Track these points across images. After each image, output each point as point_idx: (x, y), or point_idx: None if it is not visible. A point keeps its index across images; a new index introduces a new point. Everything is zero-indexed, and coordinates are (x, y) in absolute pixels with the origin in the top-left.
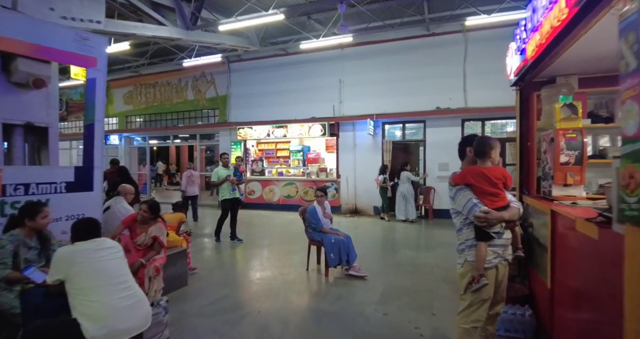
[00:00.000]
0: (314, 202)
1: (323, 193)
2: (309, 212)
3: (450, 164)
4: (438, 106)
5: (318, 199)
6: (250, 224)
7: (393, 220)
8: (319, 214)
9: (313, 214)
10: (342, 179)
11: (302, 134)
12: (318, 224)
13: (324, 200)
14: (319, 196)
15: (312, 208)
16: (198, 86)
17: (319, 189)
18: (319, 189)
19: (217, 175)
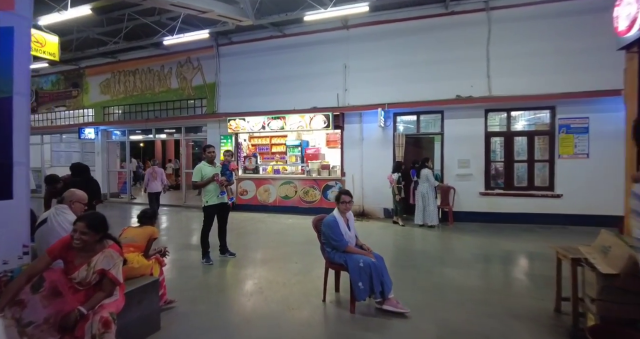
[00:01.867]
0: (334, 211)
1: (350, 198)
2: (328, 224)
3: (472, 160)
4: (458, 94)
5: (341, 206)
6: (243, 232)
7: (409, 225)
8: (341, 228)
9: (333, 228)
10: (348, 177)
11: (303, 126)
12: (340, 241)
13: (350, 208)
14: (345, 202)
15: (331, 219)
16: (183, 72)
17: (344, 192)
18: (344, 193)
19: (201, 173)
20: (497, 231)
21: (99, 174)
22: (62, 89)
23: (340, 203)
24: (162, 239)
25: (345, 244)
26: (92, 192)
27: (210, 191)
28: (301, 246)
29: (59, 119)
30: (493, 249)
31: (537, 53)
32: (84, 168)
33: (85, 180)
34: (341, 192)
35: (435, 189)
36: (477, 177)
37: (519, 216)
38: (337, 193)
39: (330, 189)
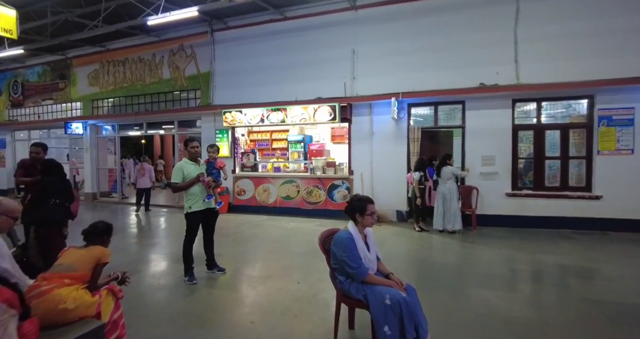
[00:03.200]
0: (349, 224)
1: (371, 204)
2: (341, 244)
3: (497, 157)
4: (482, 82)
5: (366, 219)
6: (238, 238)
7: (428, 231)
8: (359, 249)
9: (349, 249)
10: (356, 176)
11: (306, 118)
12: (358, 268)
13: (372, 223)
14: (371, 214)
15: (345, 237)
16: (175, 61)
17: (368, 200)
18: (369, 201)
19: (182, 173)
20: (529, 238)
21: (87, 172)
22: (49, 81)
23: (365, 216)
24: (145, 246)
25: (365, 272)
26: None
27: (194, 194)
28: (304, 257)
29: (46, 113)
30: (531, 262)
31: (572, 34)
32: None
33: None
34: (364, 199)
35: (458, 189)
36: (503, 176)
37: (551, 220)
38: (356, 200)
39: (336, 189)
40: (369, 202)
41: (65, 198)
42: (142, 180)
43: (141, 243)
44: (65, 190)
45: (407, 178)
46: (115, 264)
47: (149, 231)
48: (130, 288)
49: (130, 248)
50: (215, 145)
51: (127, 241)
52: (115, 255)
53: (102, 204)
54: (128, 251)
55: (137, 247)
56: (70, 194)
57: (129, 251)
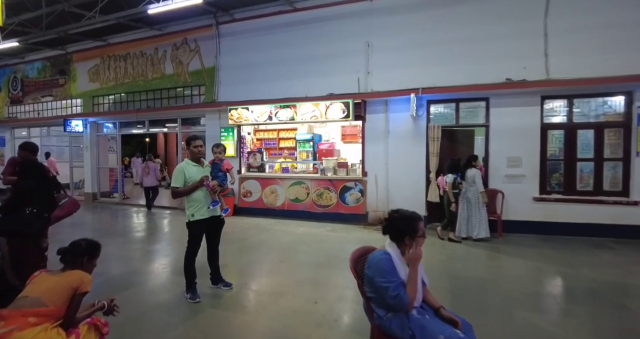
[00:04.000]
0: (386, 243)
1: (421, 221)
2: (376, 265)
3: (524, 158)
4: (508, 77)
5: (414, 242)
6: (245, 245)
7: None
8: (399, 273)
9: (387, 272)
10: (370, 177)
11: (317, 116)
12: (400, 298)
13: (420, 242)
14: (420, 235)
15: (383, 258)
16: (179, 56)
17: (409, 216)
18: (411, 217)
19: (184, 176)
20: (562, 247)
21: (87, 172)
22: (49, 77)
23: (418, 238)
24: (145, 253)
25: (405, 301)
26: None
27: (198, 200)
28: (319, 270)
29: (46, 110)
30: (575, 277)
31: (608, 25)
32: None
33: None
34: (412, 217)
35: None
36: (530, 178)
37: (583, 227)
38: (401, 219)
39: (348, 191)
40: (418, 219)
41: (44, 206)
42: (147, 178)
43: (141, 250)
44: (45, 196)
45: (439, 182)
46: (108, 278)
47: (150, 236)
48: (124, 307)
49: (128, 256)
50: (221, 144)
51: (125, 247)
52: (111, 264)
53: (102, 205)
54: (125, 259)
55: (136, 255)
56: (50, 201)
57: (126, 259)
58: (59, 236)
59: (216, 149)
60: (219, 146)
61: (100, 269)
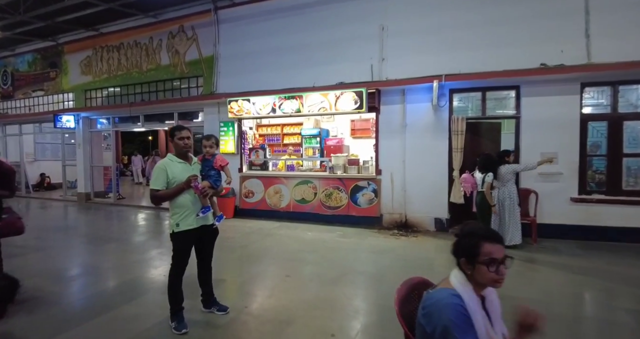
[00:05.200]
0: (452, 277)
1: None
2: (441, 315)
3: (561, 153)
4: (543, 62)
5: (475, 270)
6: (245, 254)
7: None
8: (476, 327)
9: (459, 328)
10: (384, 176)
11: (326, 107)
12: None
13: (494, 280)
14: (483, 261)
15: (452, 302)
16: (175, 45)
17: (473, 232)
18: (475, 233)
19: (167, 175)
20: (611, 256)
21: (80, 170)
22: (40, 70)
23: (479, 265)
24: (131, 264)
25: None
26: None
27: (184, 206)
28: (333, 288)
29: (38, 105)
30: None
31: None
32: None
33: None
34: (477, 233)
35: (519, 193)
36: (567, 177)
37: (631, 232)
38: (463, 234)
39: (360, 192)
40: (486, 238)
41: None
42: None
43: (128, 259)
44: None
45: (465, 180)
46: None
47: (144, 242)
48: None
49: (116, 266)
50: (213, 136)
51: (114, 256)
52: (95, 277)
53: (95, 206)
54: (112, 271)
55: (125, 266)
56: None
57: (114, 270)
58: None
59: (206, 141)
60: (209, 138)
61: (82, 283)
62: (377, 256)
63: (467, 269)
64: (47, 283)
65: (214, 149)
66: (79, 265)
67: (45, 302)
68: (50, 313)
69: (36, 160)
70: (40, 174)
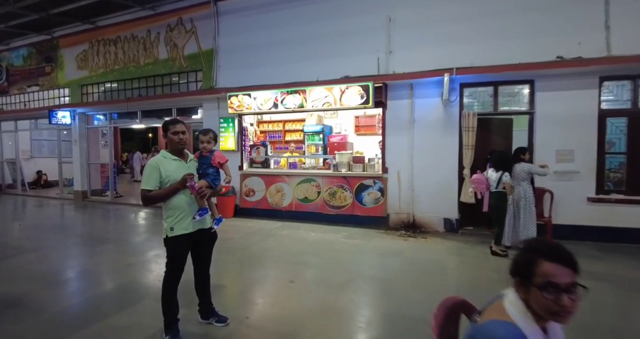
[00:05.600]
0: (506, 303)
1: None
2: None
3: (578, 151)
4: (560, 55)
5: (530, 293)
6: (245, 256)
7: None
8: None
9: None
10: (391, 174)
11: (330, 102)
12: None
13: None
14: (540, 282)
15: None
16: (173, 38)
17: (533, 247)
18: (535, 248)
19: (159, 173)
20: (632, 259)
21: (77, 168)
22: (35, 64)
23: (535, 290)
24: (125, 268)
25: None
26: None
27: (179, 208)
28: (340, 295)
29: (34, 101)
30: None
31: None
32: None
33: None
34: (537, 248)
35: (535, 191)
36: (585, 175)
37: None
38: (521, 250)
39: (366, 190)
40: (548, 255)
41: None
42: None
43: (123, 262)
44: None
45: (477, 180)
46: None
47: (139, 244)
48: None
49: (109, 270)
50: (211, 131)
51: (107, 258)
52: (85, 283)
53: (92, 204)
54: (104, 275)
55: (114, 270)
56: None
57: (105, 274)
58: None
59: (203, 136)
60: (207, 133)
61: (73, 287)
62: (385, 258)
63: (521, 292)
64: (37, 287)
65: (212, 145)
66: (71, 268)
67: (33, 309)
68: (36, 321)
69: (33, 157)
70: (37, 171)
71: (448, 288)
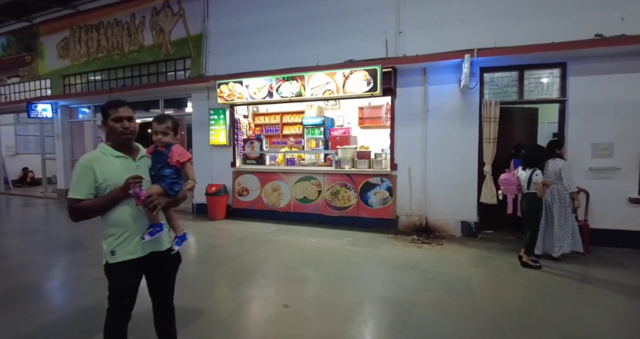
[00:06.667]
0: None
1: None
2: None
3: (619, 144)
4: (598, 32)
5: None
6: (235, 269)
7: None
8: None
9: None
10: (401, 171)
11: (332, 89)
12: None
13: None
14: None
15: None
16: (159, 22)
17: None
18: None
19: (94, 176)
20: None
21: (60, 164)
22: (14, 54)
23: None
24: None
25: None
26: None
27: (122, 224)
28: (349, 325)
29: (15, 93)
30: None
31: None
32: None
33: None
34: None
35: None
36: (626, 173)
37: None
38: None
39: (372, 190)
40: None
41: None
42: None
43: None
44: None
45: (506, 181)
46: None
47: None
48: None
49: (67, 288)
50: (168, 117)
51: (71, 272)
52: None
53: None
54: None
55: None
56: None
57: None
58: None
59: (157, 125)
60: (162, 121)
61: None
62: (399, 272)
63: None
64: None
65: (171, 138)
66: (31, 283)
67: None
68: None
69: (18, 153)
70: (22, 168)
71: (480, 313)
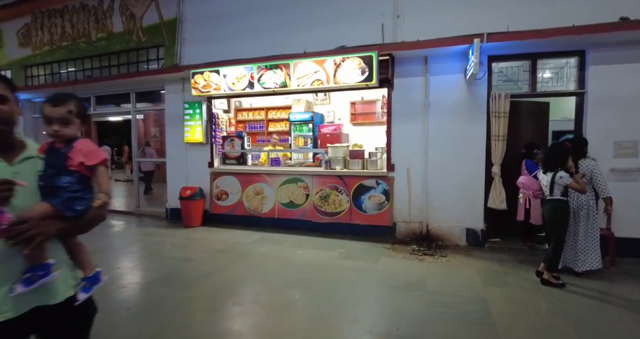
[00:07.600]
0: None
1: None
2: None
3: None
4: (623, 15)
5: None
6: (203, 293)
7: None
8: None
9: None
10: (399, 172)
11: (322, 79)
12: None
13: None
14: None
15: None
16: (130, 6)
17: None
18: None
19: None
20: None
21: None
22: None
23: None
24: None
25: None
26: None
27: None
28: None
29: None
30: None
31: None
32: None
33: None
34: None
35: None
36: None
37: None
38: None
39: (367, 193)
40: None
41: None
42: (145, 164)
43: None
44: None
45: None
46: None
47: None
48: None
49: None
50: (70, 98)
51: None
52: None
53: None
54: None
55: None
56: None
57: None
58: None
59: (51, 108)
60: (58, 102)
61: None
62: (401, 295)
63: None
64: None
65: (73, 130)
66: None
67: None
68: None
69: None
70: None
71: None
